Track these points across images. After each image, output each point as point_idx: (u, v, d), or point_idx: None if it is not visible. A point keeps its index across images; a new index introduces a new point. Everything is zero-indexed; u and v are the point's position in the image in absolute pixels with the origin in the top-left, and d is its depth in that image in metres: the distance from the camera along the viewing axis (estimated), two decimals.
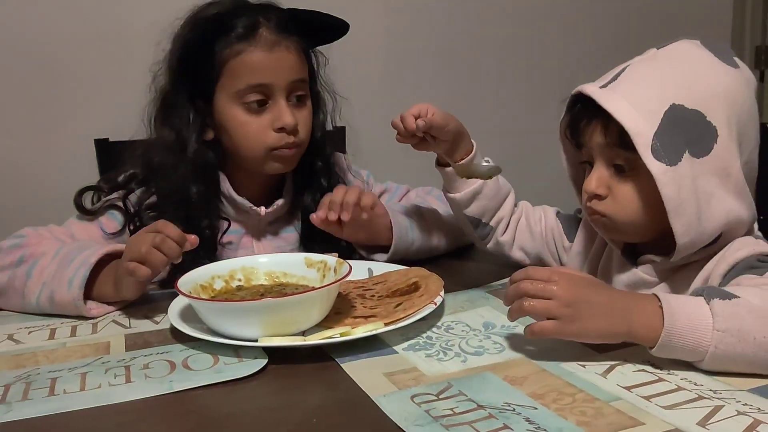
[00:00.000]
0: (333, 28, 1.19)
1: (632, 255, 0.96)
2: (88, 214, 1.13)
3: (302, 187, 1.22)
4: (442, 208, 1.22)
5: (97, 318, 0.96)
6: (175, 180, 1.12)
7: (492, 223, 1.09)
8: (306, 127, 1.17)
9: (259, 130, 1.12)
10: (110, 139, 1.57)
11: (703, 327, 0.69)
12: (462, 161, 1.04)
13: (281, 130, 1.12)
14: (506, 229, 1.10)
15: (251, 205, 1.18)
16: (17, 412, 0.68)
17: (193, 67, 1.12)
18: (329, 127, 1.27)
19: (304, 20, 1.16)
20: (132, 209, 1.13)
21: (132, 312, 0.97)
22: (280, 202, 1.21)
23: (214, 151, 1.16)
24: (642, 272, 0.92)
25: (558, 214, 1.11)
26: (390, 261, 1.15)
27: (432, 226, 1.20)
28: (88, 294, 0.97)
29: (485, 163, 1.03)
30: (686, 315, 0.70)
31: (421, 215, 1.20)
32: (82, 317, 0.96)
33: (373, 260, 1.16)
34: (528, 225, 1.11)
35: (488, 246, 1.12)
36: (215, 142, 1.16)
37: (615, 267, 0.98)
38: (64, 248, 1.01)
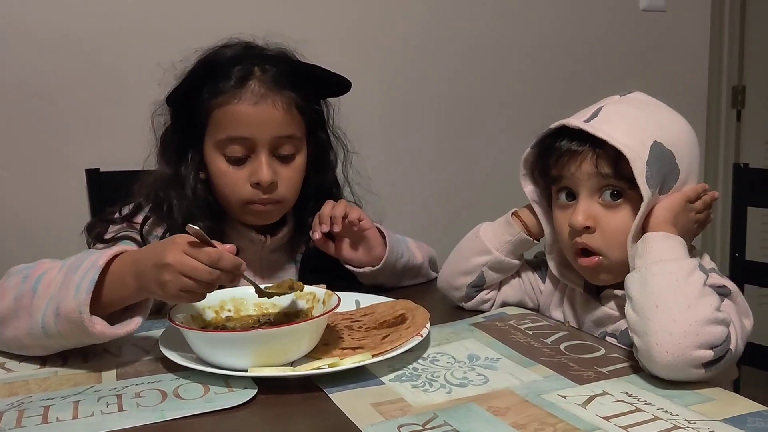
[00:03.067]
0: (335, 85, 1.18)
1: (594, 291, 0.99)
2: (104, 242, 1.11)
3: (304, 220, 1.23)
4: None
5: (97, 336, 0.85)
6: (182, 214, 1.12)
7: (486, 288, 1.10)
8: (289, 185, 1.15)
9: (237, 182, 1.12)
10: (101, 170, 1.59)
11: None
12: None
13: (257, 185, 1.12)
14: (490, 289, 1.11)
15: (256, 233, 1.19)
16: None
17: (187, 110, 1.14)
18: (341, 178, 1.27)
19: (305, 74, 1.15)
20: (146, 240, 1.12)
21: (122, 341, 0.98)
22: (285, 230, 1.22)
23: (210, 190, 1.16)
24: (608, 309, 0.96)
25: (527, 261, 1.13)
26: (379, 274, 1.19)
27: (413, 248, 1.27)
28: (94, 309, 0.84)
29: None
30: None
31: (405, 238, 1.28)
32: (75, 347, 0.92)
33: (361, 273, 1.19)
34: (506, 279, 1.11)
35: (468, 304, 1.10)
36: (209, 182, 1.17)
37: (579, 304, 1.02)
38: (71, 258, 0.91)
